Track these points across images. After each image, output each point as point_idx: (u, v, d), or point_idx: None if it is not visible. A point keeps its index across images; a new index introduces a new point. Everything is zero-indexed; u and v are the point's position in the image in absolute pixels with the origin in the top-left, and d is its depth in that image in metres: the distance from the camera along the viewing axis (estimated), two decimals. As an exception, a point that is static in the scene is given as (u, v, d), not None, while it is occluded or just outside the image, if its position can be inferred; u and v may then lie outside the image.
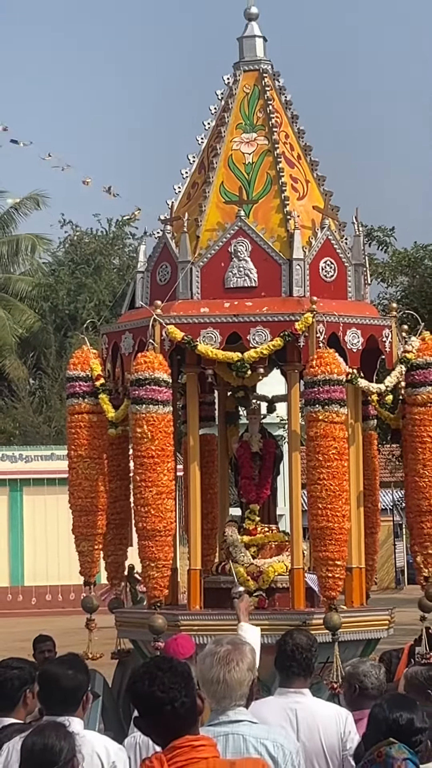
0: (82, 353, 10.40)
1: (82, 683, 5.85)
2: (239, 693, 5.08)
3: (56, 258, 50.83)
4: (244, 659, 5.10)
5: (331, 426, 9.25)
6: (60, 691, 5.80)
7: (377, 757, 4.50)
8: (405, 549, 41.62)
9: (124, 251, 50.32)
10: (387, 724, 4.77)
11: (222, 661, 5.06)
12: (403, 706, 4.88)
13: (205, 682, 5.07)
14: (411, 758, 4.51)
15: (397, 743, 4.52)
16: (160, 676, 4.51)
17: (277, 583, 9.88)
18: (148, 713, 4.52)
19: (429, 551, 9.96)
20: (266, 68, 10.73)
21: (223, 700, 5.06)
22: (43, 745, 4.82)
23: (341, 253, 10.18)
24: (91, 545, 10.17)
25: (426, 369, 10.00)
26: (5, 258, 48.84)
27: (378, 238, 21.22)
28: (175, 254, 10.04)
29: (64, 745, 4.84)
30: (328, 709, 6.91)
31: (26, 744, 4.87)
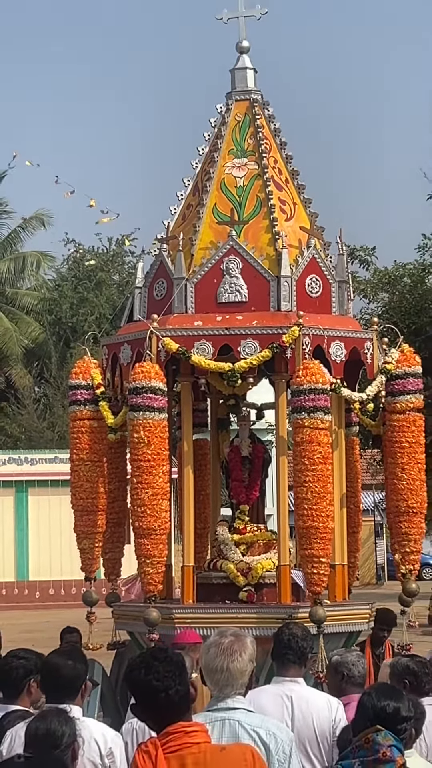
0: (83, 363, 10.39)
1: (81, 673, 5.84)
2: (240, 682, 5.07)
3: (60, 274, 50.80)
4: (246, 650, 5.09)
5: (316, 432, 9.24)
6: (60, 680, 5.79)
7: (365, 743, 4.47)
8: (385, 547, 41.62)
9: (123, 268, 50.34)
10: (375, 711, 4.75)
11: (226, 652, 5.05)
12: (390, 696, 4.86)
13: (209, 670, 5.06)
14: (396, 745, 4.48)
15: (383, 730, 4.50)
16: (155, 665, 4.49)
17: (265, 578, 9.86)
18: (144, 700, 4.51)
19: (407, 549, 9.96)
20: (256, 98, 10.74)
21: (226, 688, 5.05)
22: (46, 729, 4.83)
23: (326, 270, 10.18)
24: (92, 543, 10.15)
25: (405, 379, 10.02)
26: (12, 274, 48.78)
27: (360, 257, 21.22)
28: (171, 271, 10.04)
29: (65, 730, 4.84)
30: (321, 698, 6.89)
31: (30, 729, 4.88)
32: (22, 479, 34.69)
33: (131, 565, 10.39)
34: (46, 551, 33.63)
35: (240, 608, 9.69)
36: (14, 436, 43.02)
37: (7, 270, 48.18)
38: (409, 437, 9.94)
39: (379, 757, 4.44)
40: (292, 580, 9.69)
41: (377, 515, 40.16)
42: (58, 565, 32.68)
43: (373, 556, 41.58)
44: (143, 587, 9.50)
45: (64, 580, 32.86)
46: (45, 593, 33.78)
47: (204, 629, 9.16)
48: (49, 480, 33.47)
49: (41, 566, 34.08)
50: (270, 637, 9.03)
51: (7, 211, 49.30)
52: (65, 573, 31.98)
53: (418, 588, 10.06)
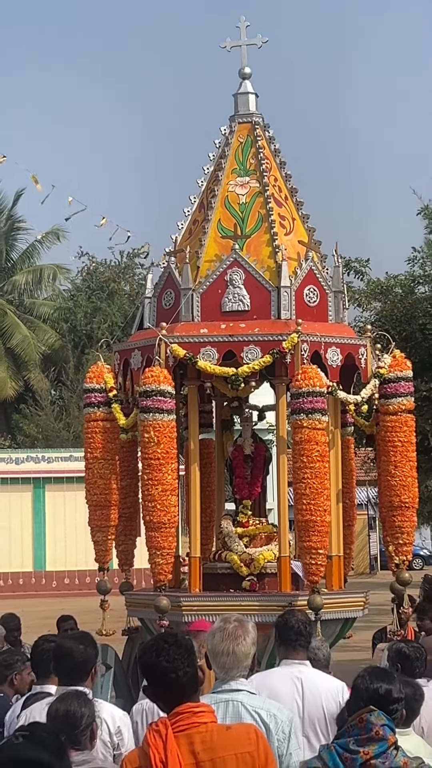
0: (97, 368, 10.38)
1: (92, 657, 5.80)
2: (244, 664, 5.07)
3: (75, 285, 50.84)
4: (249, 635, 5.09)
5: (314, 432, 9.22)
6: (72, 663, 5.76)
7: (359, 722, 4.47)
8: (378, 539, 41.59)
9: (134, 279, 50.35)
10: (368, 693, 4.75)
11: (231, 636, 5.04)
12: (382, 678, 4.87)
13: (215, 654, 5.05)
14: (388, 724, 4.49)
15: (376, 711, 4.50)
16: (166, 648, 4.49)
17: (267, 569, 9.85)
18: (154, 681, 4.51)
19: (400, 541, 9.94)
20: (258, 121, 10.73)
21: (231, 671, 5.05)
22: (66, 711, 4.83)
23: (323, 281, 10.17)
24: (105, 536, 10.13)
25: (397, 382, 10.00)
26: (30, 285, 48.84)
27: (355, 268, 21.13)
28: (179, 282, 10.03)
29: (84, 711, 4.84)
30: (328, 680, 6.86)
31: (51, 710, 4.88)
32: (40, 476, 34.68)
33: (142, 556, 10.37)
34: (62, 543, 33.61)
35: (243, 596, 9.68)
36: (32, 436, 43.04)
37: (25, 281, 48.24)
38: (402, 437, 9.92)
39: (372, 735, 4.44)
40: (291, 570, 9.67)
41: (370, 509, 40.14)
42: (73, 556, 32.65)
43: (366, 548, 41.55)
44: (154, 577, 9.48)
45: (78, 570, 32.85)
46: (61, 582, 33.76)
47: (210, 616, 9.16)
48: (64, 477, 33.47)
49: (57, 557, 34.06)
50: (270, 623, 9.06)
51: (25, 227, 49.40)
52: (80, 563, 31.96)
53: (410, 577, 10.04)
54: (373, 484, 34.78)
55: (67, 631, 10.23)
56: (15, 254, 49.75)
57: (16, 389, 45.58)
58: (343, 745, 4.48)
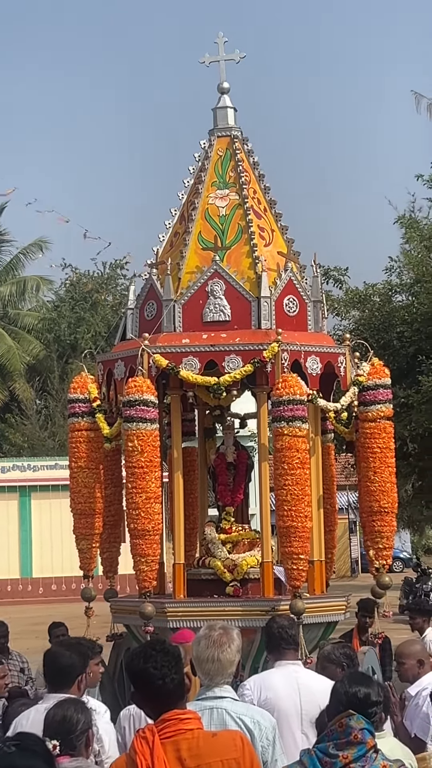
0: (81, 379, 10.35)
1: (77, 665, 5.76)
2: (229, 671, 5.07)
3: (58, 296, 50.78)
4: (233, 642, 5.09)
5: (295, 439, 9.22)
6: (57, 670, 5.73)
7: (338, 727, 4.45)
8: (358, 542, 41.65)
9: (117, 290, 50.32)
10: (347, 697, 4.73)
11: (216, 643, 5.04)
12: (361, 682, 4.85)
13: (201, 661, 5.04)
14: (367, 728, 4.47)
15: (356, 714, 4.48)
16: (153, 655, 4.48)
17: (250, 574, 9.83)
18: (142, 688, 4.50)
19: (380, 546, 9.94)
20: (236, 134, 10.74)
21: (215, 677, 5.04)
22: (63, 716, 4.83)
23: (302, 291, 10.17)
24: (90, 543, 10.10)
25: (375, 390, 10.01)
26: (14, 296, 48.76)
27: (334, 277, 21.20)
28: (160, 293, 10.02)
29: (81, 717, 4.84)
30: (322, 680, 6.89)
31: (48, 715, 4.88)
32: (26, 484, 34.64)
33: (126, 563, 10.35)
34: (48, 550, 33.56)
35: (227, 602, 9.66)
36: (18, 445, 42.96)
37: (9, 293, 48.16)
38: (381, 443, 9.92)
39: (351, 739, 4.42)
40: (274, 576, 9.65)
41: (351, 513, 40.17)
42: (59, 562, 32.60)
43: (347, 551, 41.59)
44: (138, 584, 9.45)
45: (64, 577, 32.80)
46: (47, 589, 33.70)
47: (194, 621, 9.15)
48: (50, 485, 33.44)
49: (43, 564, 34.01)
50: (254, 628, 9.07)
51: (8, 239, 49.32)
52: (66, 570, 31.92)
53: (390, 581, 10.04)
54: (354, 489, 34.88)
55: (59, 637, 10.22)
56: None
57: (2, 399, 45.48)
58: (323, 749, 4.46)
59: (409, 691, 7.50)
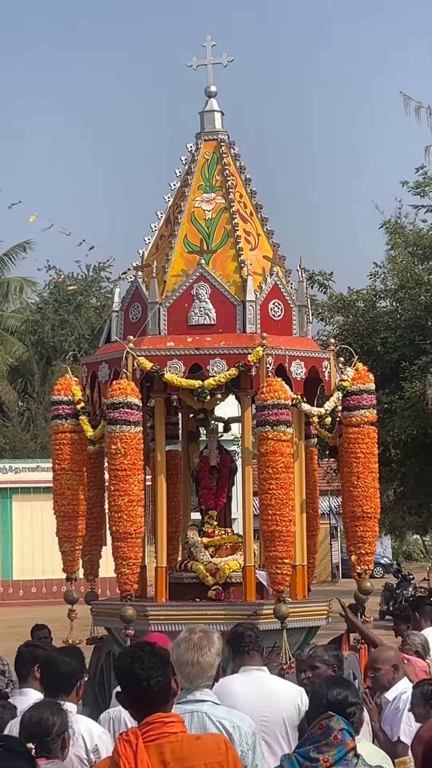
0: (65, 381, 10.33)
1: (76, 671, 5.78)
2: (209, 674, 5.06)
3: (42, 298, 50.70)
4: (213, 645, 5.09)
5: (279, 444, 9.21)
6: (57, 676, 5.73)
7: (318, 729, 4.47)
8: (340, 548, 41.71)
9: (100, 292, 50.28)
10: (327, 699, 4.77)
11: (196, 647, 5.04)
12: (339, 684, 4.90)
13: (181, 664, 5.04)
14: (347, 728, 4.49)
15: (335, 716, 4.50)
16: (141, 656, 4.48)
17: (232, 578, 9.82)
18: (128, 688, 4.49)
19: (362, 551, 9.95)
20: (223, 138, 10.74)
21: (195, 680, 5.04)
22: (39, 718, 4.81)
23: (287, 296, 10.17)
24: (73, 546, 10.07)
25: (359, 395, 10.02)
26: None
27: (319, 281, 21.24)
28: (145, 296, 10.01)
29: (56, 720, 4.81)
30: (286, 686, 6.90)
31: (24, 717, 4.87)
32: (7, 486, 34.55)
33: (108, 566, 10.34)
34: (29, 553, 33.46)
35: (209, 606, 9.64)
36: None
37: (-8, 294, 48.08)
38: (364, 448, 9.93)
39: (331, 740, 4.43)
40: (256, 580, 9.64)
41: (332, 518, 40.21)
42: (40, 565, 32.53)
43: (328, 556, 41.61)
44: (120, 587, 9.43)
45: (45, 579, 32.74)
46: (28, 591, 33.62)
47: (176, 625, 9.14)
48: (31, 487, 33.35)
49: (24, 566, 33.91)
50: (236, 632, 9.07)
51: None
52: (47, 573, 31.86)
53: (372, 586, 10.05)
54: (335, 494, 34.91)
55: (41, 639, 10.20)
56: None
57: (-16, 400, 45.36)
58: (303, 753, 4.47)
59: (386, 696, 7.53)
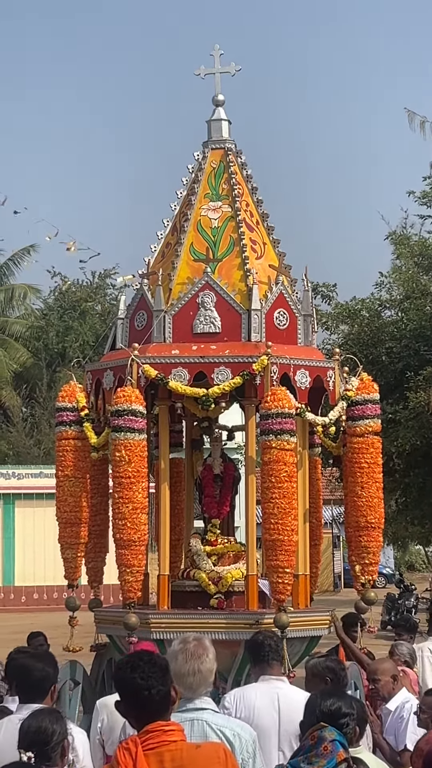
0: (69, 387, 10.33)
1: (50, 675, 5.73)
2: (209, 681, 5.06)
3: (47, 304, 50.74)
4: (209, 651, 5.09)
5: (283, 453, 9.21)
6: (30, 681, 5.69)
7: (311, 739, 4.47)
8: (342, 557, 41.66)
9: (105, 299, 50.32)
10: (320, 710, 4.77)
11: (194, 656, 5.03)
12: (332, 695, 4.90)
13: (181, 675, 5.02)
14: (339, 739, 4.48)
15: (328, 727, 4.50)
16: (141, 665, 4.49)
17: (234, 587, 9.81)
18: (127, 697, 4.50)
19: (365, 561, 9.93)
20: (230, 147, 10.75)
21: (199, 688, 5.03)
22: (38, 727, 4.77)
23: (292, 305, 10.18)
24: (75, 553, 10.06)
25: (364, 405, 10.01)
26: (2, 303, 48.71)
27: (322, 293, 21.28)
28: (151, 304, 10.02)
29: (56, 728, 4.79)
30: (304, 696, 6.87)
31: (23, 726, 4.83)
32: (10, 492, 34.55)
33: (110, 573, 10.34)
34: (31, 559, 33.45)
35: (211, 614, 9.64)
36: (3, 452, 42.87)
37: (-3, 300, 48.11)
38: (368, 458, 9.93)
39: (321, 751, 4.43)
40: (258, 589, 9.64)
41: (335, 528, 40.17)
42: (41, 571, 32.50)
43: (330, 566, 41.56)
44: (123, 594, 9.43)
45: (47, 586, 32.71)
46: (30, 598, 33.59)
47: (178, 633, 9.11)
48: (34, 493, 33.35)
49: (26, 573, 33.90)
50: (238, 641, 9.06)
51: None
52: (48, 579, 31.84)
53: (375, 597, 10.04)
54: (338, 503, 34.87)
55: (37, 647, 10.20)
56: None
57: (-13, 406, 45.40)
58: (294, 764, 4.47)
59: (387, 707, 7.53)
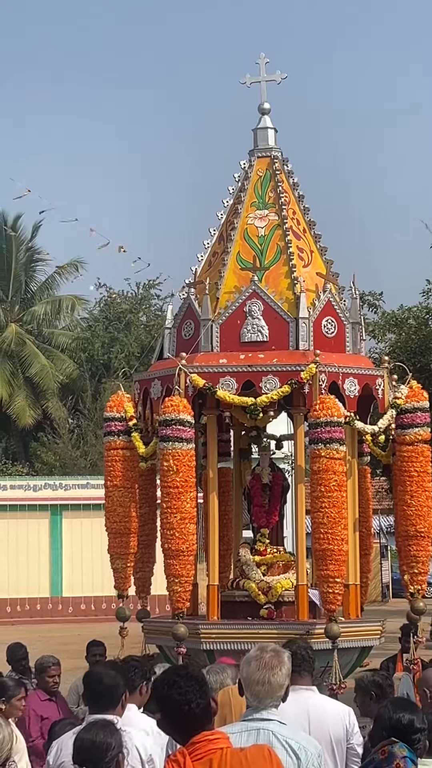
0: (117, 397, 10.34)
1: (121, 684, 5.73)
2: (278, 694, 4.99)
3: (92, 315, 50.92)
4: (284, 665, 5.02)
5: (332, 462, 9.16)
6: (100, 689, 5.67)
7: (381, 754, 4.39)
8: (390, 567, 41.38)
9: (150, 310, 50.42)
10: (391, 723, 4.66)
11: (267, 666, 4.97)
12: (405, 708, 4.77)
13: (251, 682, 4.97)
14: (410, 756, 4.39)
15: (399, 742, 4.41)
16: (177, 681, 4.46)
17: (284, 597, 9.76)
18: (168, 713, 4.46)
19: (415, 570, 9.85)
20: (276, 155, 10.73)
21: (265, 700, 4.97)
22: (92, 742, 4.66)
23: (340, 313, 10.12)
24: (124, 563, 10.06)
25: (413, 413, 9.94)
26: (49, 315, 48.94)
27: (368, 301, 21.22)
28: (198, 313, 10.00)
29: (111, 742, 4.68)
30: (335, 705, 6.85)
31: (77, 741, 4.75)
32: (57, 503, 34.63)
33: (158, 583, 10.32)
34: (78, 569, 33.50)
35: (261, 624, 9.59)
36: (50, 464, 43.03)
37: (44, 312, 48.35)
38: (418, 467, 9.85)
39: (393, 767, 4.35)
40: (309, 599, 9.58)
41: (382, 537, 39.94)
42: (89, 582, 32.54)
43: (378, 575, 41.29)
44: (172, 604, 9.40)
45: (94, 596, 32.74)
46: (77, 608, 33.63)
47: (228, 644, 9.10)
48: (81, 504, 33.43)
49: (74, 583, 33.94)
50: (288, 651, 8.99)
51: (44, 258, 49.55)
52: (96, 589, 31.87)
53: (425, 606, 9.94)
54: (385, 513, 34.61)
55: (96, 656, 10.23)
56: (34, 285, 49.92)
57: (35, 418, 45.59)
58: None
59: None
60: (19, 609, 33.41)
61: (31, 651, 10.82)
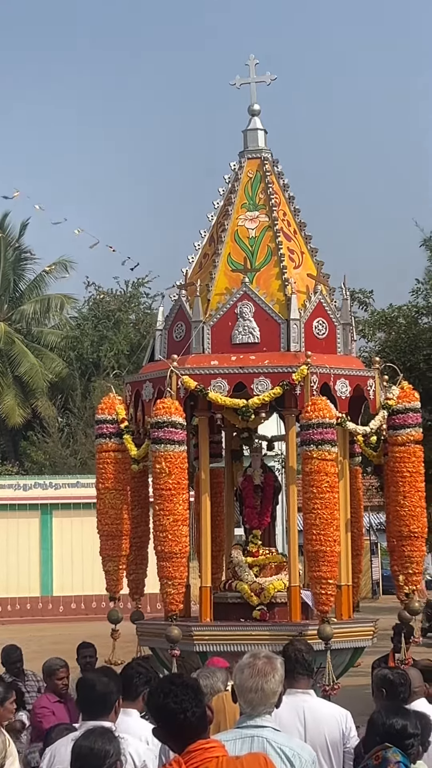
0: (109, 400, 10.32)
1: (114, 690, 5.72)
2: (271, 701, 4.99)
3: (81, 314, 50.86)
4: (277, 672, 5.01)
5: (324, 463, 9.16)
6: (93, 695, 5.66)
7: (375, 760, 4.40)
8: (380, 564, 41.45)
9: (139, 308, 50.39)
10: (384, 728, 4.68)
11: (260, 673, 4.97)
12: (398, 713, 4.78)
13: (243, 690, 4.97)
14: (403, 761, 4.40)
15: (392, 747, 4.42)
16: (173, 689, 4.46)
17: (277, 598, 9.76)
18: (163, 722, 4.46)
19: (409, 571, 9.86)
20: (267, 156, 10.73)
21: (258, 707, 4.96)
22: (90, 749, 4.64)
23: (331, 314, 10.13)
24: (116, 565, 10.04)
25: (405, 413, 9.94)
26: (38, 314, 48.90)
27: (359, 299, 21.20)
28: (189, 315, 9.99)
29: (109, 749, 4.66)
30: (331, 708, 6.83)
31: (75, 748, 4.73)
32: (47, 502, 34.61)
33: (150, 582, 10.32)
34: (69, 568, 33.49)
35: (254, 626, 9.59)
36: (39, 463, 43.00)
37: (33, 311, 48.31)
38: (410, 467, 9.86)
39: None
40: (301, 600, 9.58)
41: (372, 535, 39.99)
42: (79, 581, 32.54)
43: (369, 573, 41.35)
44: (165, 606, 9.39)
45: (85, 595, 32.74)
46: (68, 607, 33.63)
47: (221, 645, 9.10)
48: (71, 503, 33.41)
49: (64, 582, 33.94)
50: (281, 653, 8.99)
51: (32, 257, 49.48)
52: (86, 588, 31.88)
53: (420, 606, 9.95)
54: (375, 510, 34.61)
55: (86, 657, 10.21)
56: (23, 284, 49.86)
57: (24, 416, 45.54)
58: None
59: None
60: (10, 608, 33.39)
61: (22, 651, 10.80)
